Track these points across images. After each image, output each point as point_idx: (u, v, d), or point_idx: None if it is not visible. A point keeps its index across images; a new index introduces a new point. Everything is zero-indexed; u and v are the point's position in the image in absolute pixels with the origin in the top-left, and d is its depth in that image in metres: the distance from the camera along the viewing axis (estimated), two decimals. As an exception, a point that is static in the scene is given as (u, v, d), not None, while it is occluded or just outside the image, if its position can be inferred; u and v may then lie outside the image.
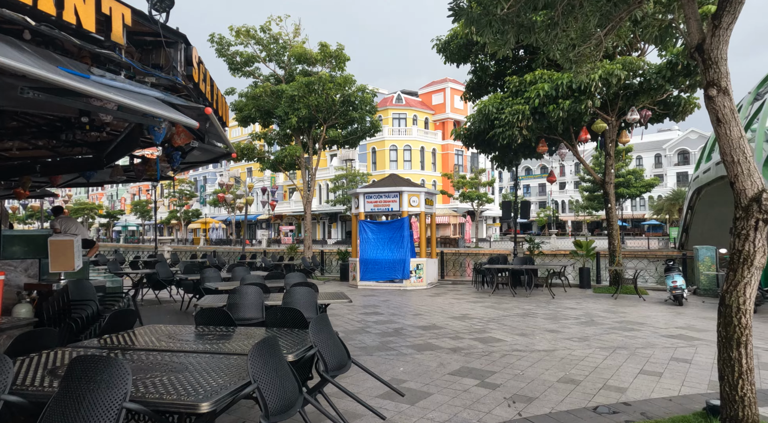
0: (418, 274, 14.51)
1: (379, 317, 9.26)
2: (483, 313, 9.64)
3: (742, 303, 3.52)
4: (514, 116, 12.01)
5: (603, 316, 9.17)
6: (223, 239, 63.67)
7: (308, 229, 18.49)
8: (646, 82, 11.69)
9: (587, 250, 14.41)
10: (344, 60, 18.98)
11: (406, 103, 55.51)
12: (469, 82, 15.75)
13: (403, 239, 14.48)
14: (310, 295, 5.83)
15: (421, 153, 54.37)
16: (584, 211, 72.40)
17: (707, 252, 12.27)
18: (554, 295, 12.34)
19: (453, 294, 13.04)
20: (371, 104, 18.69)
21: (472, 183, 44.93)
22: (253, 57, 19.17)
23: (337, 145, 20.01)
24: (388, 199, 14.78)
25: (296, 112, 17.57)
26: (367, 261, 14.68)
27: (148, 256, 20.26)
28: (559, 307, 10.51)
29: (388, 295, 12.74)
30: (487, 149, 14.66)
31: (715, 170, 21.96)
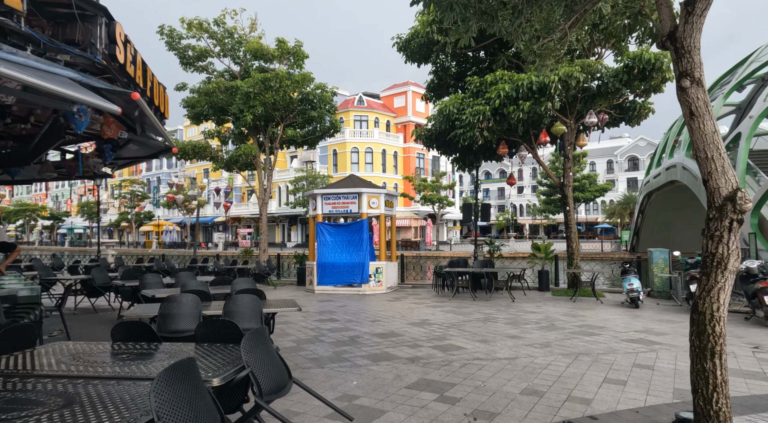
0: (377, 278, 14.09)
1: (335, 324, 8.77)
2: (443, 319, 9.32)
3: (716, 310, 3.28)
4: (475, 117, 11.82)
5: (563, 320, 9.03)
6: (177, 242, 61.24)
7: (264, 231, 17.74)
8: (604, 86, 11.77)
9: (546, 253, 14.42)
10: (303, 57, 18.39)
11: (367, 106, 55.19)
12: (430, 82, 15.53)
13: (362, 242, 14.04)
14: (255, 303, 5.29)
15: (383, 155, 54.15)
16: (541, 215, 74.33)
17: (661, 254, 12.45)
18: (514, 298, 12.21)
19: (413, 298, 12.70)
20: (330, 103, 18.18)
21: (433, 186, 45.03)
22: (207, 51, 18.28)
23: (296, 145, 19.36)
24: (347, 201, 14.31)
25: (252, 109, 16.82)
26: (325, 265, 14.15)
27: (89, 260, 18.92)
28: (519, 310, 10.33)
29: (346, 300, 12.26)
30: (448, 150, 14.45)
31: (665, 175, 22.73)
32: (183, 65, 18.52)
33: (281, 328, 8.40)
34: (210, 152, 18.13)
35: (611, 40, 12.97)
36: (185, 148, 17.40)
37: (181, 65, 18.54)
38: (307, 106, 18.00)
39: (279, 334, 7.87)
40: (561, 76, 11.00)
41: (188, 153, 17.60)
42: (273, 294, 13.74)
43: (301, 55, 18.27)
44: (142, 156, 8.08)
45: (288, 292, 14.45)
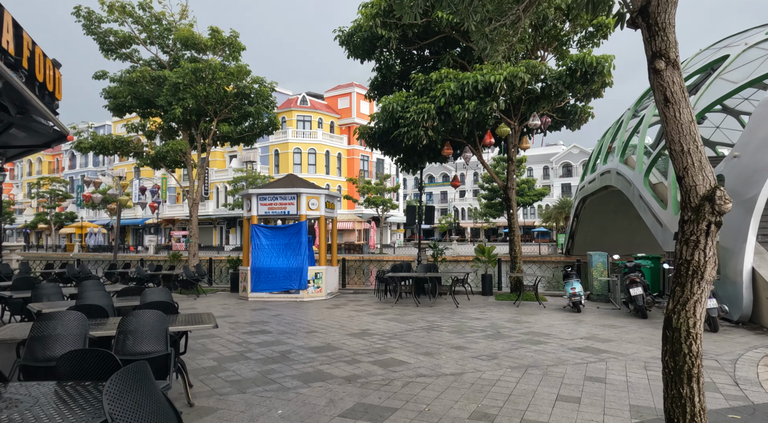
0: (316, 283, 13.29)
1: (266, 337, 7.92)
2: (385, 328, 8.71)
3: (692, 326, 2.86)
4: (420, 115, 11.35)
5: (509, 327, 8.69)
6: (103, 246, 56.93)
7: (195, 234, 16.40)
8: (547, 88, 11.69)
9: (489, 256, 14.22)
10: (239, 49, 17.25)
11: (311, 106, 54.01)
12: (374, 80, 14.97)
13: (300, 245, 13.20)
14: (159, 321, 4.41)
15: (326, 157, 53.14)
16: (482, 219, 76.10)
17: (600, 258, 12.55)
18: (458, 303, 11.83)
19: (354, 305, 12.02)
20: (269, 99, 17.15)
21: (377, 188, 44.61)
22: (131, 37, 16.70)
23: (232, 142, 18.14)
24: (285, 202, 13.42)
25: (181, 102, 15.50)
26: (260, 270, 13.17)
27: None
28: (464, 317, 9.93)
29: (282, 308, 11.38)
30: (391, 150, 13.92)
31: (600, 181, 23.49)
32: (104, 52, 16.83)
33: (203, 343, 7.44)
34: (133, 147, 16.55)
35: (554, 44, 13.00)
36: (104, 143, 15.74)
37: (102, 52, 16.85)
38: (243, 100, 16.88)
39: (199, 350, 6.93)
40: (506, 76, 10.77)
41: (108, 148, 15.94)
42: (201, 302, 12.58)
43: (237, 46, 17.14)
44: (34, 145, 6.88)
45: (218, 300, 13.32)
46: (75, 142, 15.96)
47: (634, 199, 16.58)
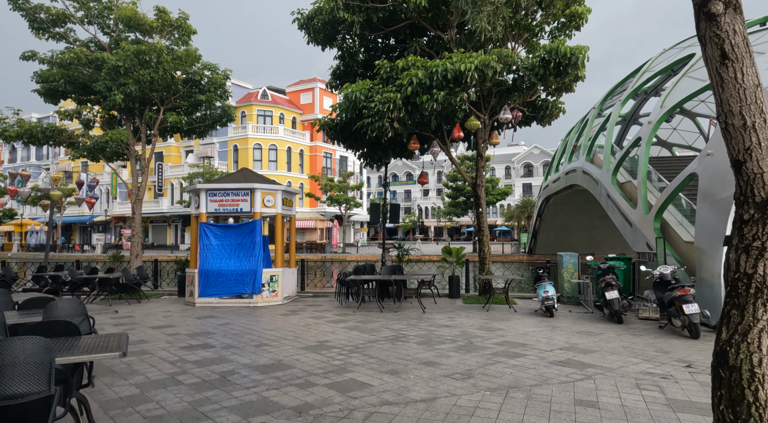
0: (272, 287, 12.23)
1: (207, 353, 6.86)
2: (345, 339, 7.80)
3: (757, 364, 2.11)
4: (385, 105, 10.48)
5: (481, 336, 7.95)
6: (45, 244, 53.19)
7: (137, 232, 14.93)
8: (519, 79, 11.07)
9: (458, 257, 13.54)
10: (189, 32, 15.87)
11: (272, 100, 52.29)
12: (336, 68, 13.99)
13: (254, 246, 12.09)
14: (41, 351, 3.34)
15: (288, 153, 51.58)
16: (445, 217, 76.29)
17: (570, 259, 12.06)
18: (425, 308, 11.05)
19: (312, 310, 11.04)
20: (222, 87, 15.86)
21: (340, 186, 43.55)
22: (65, 15, 15.03)
23: (181, 134, 16.72)
24: (237, 198, 12.27)
25: (123, 88, 14.03)
26: (209, 273, 11.98)
27: None
28: (432, 324, 9.14)
29: (232, 316, 10.27)
30: (354, 144, 13.00)
31: (565, 179, 23.37)
32: (33, 30, 15.10)
33: (129, 362, 6.31)
34: (67, 137, 14.89)
35: (524, 35, 12.42)
36: (32, 131, 14.06)
37: (32, 30, 15.11)
38: (193, 88, 15.53)
39: (122, 372, 5.81)
40: (477, 65, 10.05)
41: (37, 137, 14.25)
42: (140, 310, 11.28)
43: (187, 29, 15.77)
44: None
45: (161, 306, 12.04)
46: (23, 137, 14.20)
47: (602, 198, 16.34)
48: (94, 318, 5.60)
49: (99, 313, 10.87)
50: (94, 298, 13.01)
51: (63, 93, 14.89)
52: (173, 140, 54.33)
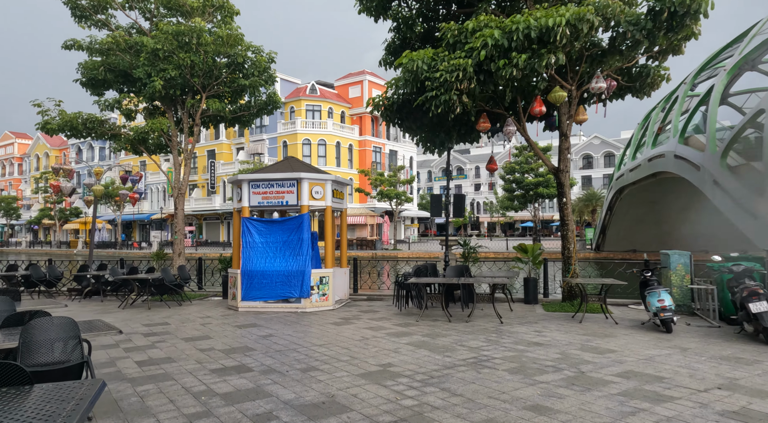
0: (321, 290, 10.79)
1: (241, 380, 5.41)
2: (413, 361, 6.15)
3: None
4: (453, 74, 8.71)
5: (591, 362, 6.06)
6: (107, 242, 55.27)
7: (180, 228, 13.95)
8: (619, 38, 8.95)
9: (534, 256, 11.58)
10: (232, 13, 14.73)
11: (321, 95, 51.49)
12: (390, 42, 12.33)
13: (301, 243, 10.69)
14: None
15: (337, 148, 50.64)
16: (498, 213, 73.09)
17: (680, 258, 9.82)
18: (502, 318, 9.22)
19: (368, 318, 9.48)
20: (267, 71, 14.60)
21: (390, 181, 42.01)
22: (107, 1, 14.25)
23: (225, 123, 15.66)
24: (283, 189, 10.90)
25: (162, 73, 13.04)
26: (252, 273, 10.70)
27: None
28: (517, 340, 7.33)
29: (277, 324, 8.88)
30: (413, 126, 11.30)
31: (648, 167, 20.59)
32: (76, 18, 14.42)
33: (144, 392, 4.94)
34: (109, 128, 14.12)
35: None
36: (72, 122, 13.36)
37: (74, 18, 14.44)
38: (236, 72, 14.36)
39: (131, 410, 4.43)
40: (569, 19, 8.08)
41: (78, 129, 13.55)
42: (179, 314, 10.13)
43: (230, 9, 14.61)
44: None
45: (202, 310, 10.89)
46: (41, 123, 13.60)
47: (705, 185, 13.78)
48: (88, 343, 4.24)
49: (131, 319, 9.80)
50: (134, 300, 12.08)
51: (103, 82, 14.12)
52: (224, 138, 54.81)
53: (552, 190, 38.53)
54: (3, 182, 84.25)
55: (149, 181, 59.74)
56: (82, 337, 4.10)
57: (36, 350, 3.84)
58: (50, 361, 3.85)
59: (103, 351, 6.92)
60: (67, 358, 3.93)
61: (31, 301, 11.94)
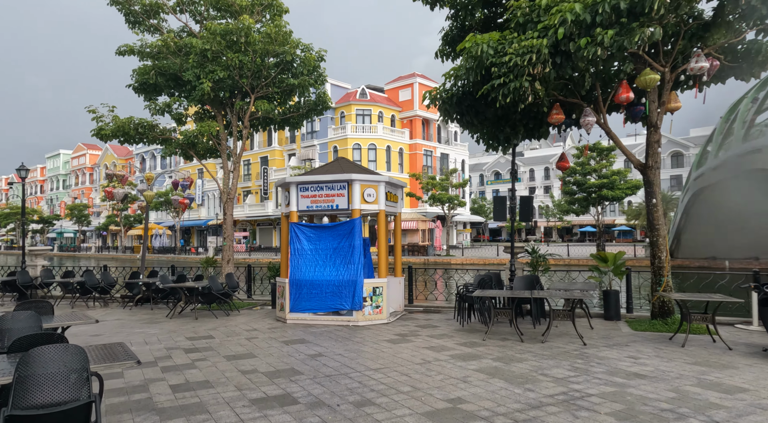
0: (375, 301, 9.87)
1: (285, 416, 4.55)
2: (488, 396, 5.07)
3: None
4: (524, 57, 7.57)
5: (721, 406, 4.75)
6: (167, 247, 57.36)
7: (229, 234, 13.53)
8: (730, 4, 7.48)
9: (616, 266, 10.13)
10: (281, 12, 14.23)
11: (371, 99, 51.09)
12: (447, 31, 11.29)
13: (353, 250, 9.84)
14: None
15: (387, 152, 49.98)
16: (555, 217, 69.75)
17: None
18: (584, 339, 7.91)
19: (427, 335, 8.45)
20: (317, 70, 13.97)
21: (442, 185, 40.76)
22: (158, 5, 14.14)
23: (274, 126, 15.19)
24: (332, 192, 10.11)
25: (210, 75, 12.68)
26: (301, 283, 9.95)
27: (6, 274, 14.84)
28: (610, 369, 6.06)
29: (327, 341, 8.04)
30: (474, 121, 10.18)
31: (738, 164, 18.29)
32: (129, 24, 14.41)
33: None
34: (160, 132, 13.96)
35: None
36: (124, 127, 13.26)
37: (128, 24, 14.44)
38: (285, 72, 13.81)
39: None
40: (669, -15, 6.76)
41: (130, 134, 13.46)
42: (225, 326, 9.53)
43: (279, 7, 14.12)
44: None
45: (249, 322, 10.26)
46: (95, 130, 13.61)
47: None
48: (100, 377, 3.49)
49: (176, 330, 9.28)
50: (182, 309, 11.67)
51: (155, 86, 13.99)
52: (277, 144, 55.55)
53: (618, 192, 35.85)
54: (76, 191, 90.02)
55: (206, 188, 61.58)
56: (92, 370, 3.35)
57: (33, 387, 3.11)
58: (50, 401, 3.12)
59: (139, 370, 6.30)
60: (72, 398, 3.19)
61: (67, 311, 11.76)
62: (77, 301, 13.74)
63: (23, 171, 15.23)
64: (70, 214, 70.15)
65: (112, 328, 9.65)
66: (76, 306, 13.19)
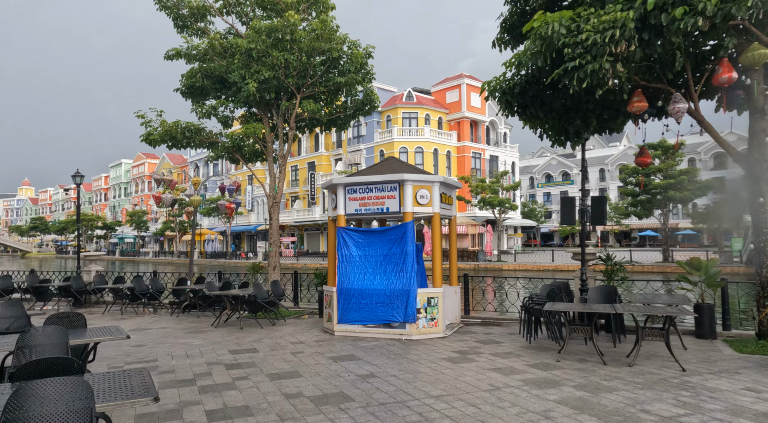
0: (430, 313, 8.99)
1: (334, 460, 3.77)
2: (582, 442, 4.08)
3: None
4: (606, 33, 6.51)
5: None
6: (219, 252, 58.76)
7: (275, 239, 13.06)
8: None
9: (709, 275, 8.76)
10: (327, 8, 13.71)
11: (417, 101, 50.28)
12: (507, 17, 10.29)
13: (405, 257, 9.03)
14: None
15: (435, 155, 48.94)
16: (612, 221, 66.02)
17: None
18: (682, 365, 6.69)
19: (490, 353, 7.49)
20: (365, 67, 13.32)
21: (492, 187, 39.27)
22: (205, 8, 13.99)
23: (321, 127, 14.68)
24: (383, 194, 9.34)
25: (256, 75, 12.28)
26: (350, 292, 9.23)
27: (62, 279, 15.06)
28: (731, 408, 4.90)
29: (379, 358, 7.24)
30: (539, 113, 9.12)
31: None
32: (178, 29, 14.34)
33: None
34: (206, 136, 13.73)
35: None
36: (171, 131, 13.11)
37: (176, 29, 14.37)
38: (331, 71, 13.25)
39: None
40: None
41: (177, 138, 13.30)
42: (270, 338, 8.93)
43: (325, 4, 13.59)
44: None
45: (295, 333, 9.63)
46: (144, 135, 13.54)
47: None
48: (107, 419, 2.83)
49: (219, 342, 8.77)
50: (228, 317, 11.25)
51: (201, 89, 13.80)
52: (323, 149, 55.76)
53: (687, 193, 33.12)
54: (136, 198, 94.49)
55: (255, 194, 62.73)
56: (99, 411, 2.69)
57: (23, 433, 2.47)
58: (41, 451, 2.47)
59: (175, 390, 5.73)
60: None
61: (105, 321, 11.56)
62: (127, 307, 13.69)
63: (78, 178, 15.48)
64: (130, 220, 73.49)
65: (155, 338, 9.29)
66: (126, 312, 13.11)
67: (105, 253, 74.70)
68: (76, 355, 5.15)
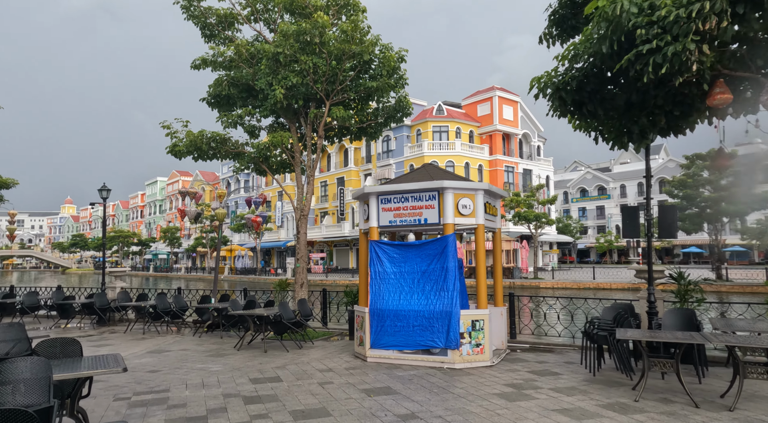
0: (475, 338, 7.91)
1: None
2: None
3: None
4: (691, 7, 5.46)
5: None
6: (248, 268, 58.73)
7: (302, 254, 12.23)
8: None
9: (810, 297, 7.37)
10: (358, 10, 13.05)
11: (447, 115, 49.43)
12: (556, 8, 9.31)
13: (446, 274, 8.02)
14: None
15: (466, 169, 47.78)
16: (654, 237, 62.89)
17: None
18: (798, 407, 5.41)
19: (549, 388, 6.35)
20: (397, 71, 12.53)
21: (528, 201, 37.75)
22: (233, 15, 13.56)
23: (351, 136, 13.92)
24: (420, 204, 8.39)
25: (283, 81, 11.64)
26: (384, 313, 8.25)
27: (86, 295, 14.61)
28: None
29: (418, 392, 6.21)
30: (598, 111, 8.01)
31: None
32: (205, 38, 13.94)
33: None
34: (232, 146, 13.15)
35: None
36: (196, 142, 12.58)
37: (203, 38, 13.98)
38: (362, 75, 12.51)
39: None
40: None
41: (202, 149, 12.76)
42: (295, 364, 8.01)
43: (356, 6, 12.95)
44: None
45: (323, 358, 8.68)
46: (170, 146, 13.07)
47: None
48: None
49: (240, 368, 7.90)
50: (252, 339, 10.40)
51: (227, 98, 13.28)
52: (353, 164, 55.37)
53: (742, 206, 30.82)
54: (171, 215, 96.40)
55: (285, 210, 62.73)
56: None
57: None
58: None
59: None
60: None
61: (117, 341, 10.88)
62: (150, 325, 13.06)
63: (105, 191, 15.15)
64: (164, 236, 74.67)
65: (173, 362, 8.51)
66: (149, 332, 12.47)
67: (129, 269, 75.94)
68: (66, 390, 4.35)
